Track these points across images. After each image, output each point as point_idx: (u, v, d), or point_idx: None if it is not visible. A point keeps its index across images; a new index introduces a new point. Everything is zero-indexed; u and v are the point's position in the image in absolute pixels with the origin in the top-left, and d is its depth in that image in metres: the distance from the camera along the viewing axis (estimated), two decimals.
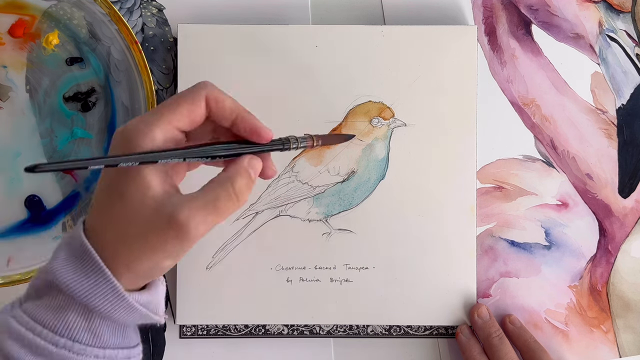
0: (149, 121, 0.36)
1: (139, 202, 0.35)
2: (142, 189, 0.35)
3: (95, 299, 0.35)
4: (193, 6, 0.52)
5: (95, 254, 0.35)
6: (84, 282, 0.35)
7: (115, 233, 0.35)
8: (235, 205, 0.36)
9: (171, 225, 0.34)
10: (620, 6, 0.53)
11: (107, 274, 0.35)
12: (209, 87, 0.38)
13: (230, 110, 0.38)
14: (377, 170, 0.49)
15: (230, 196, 0.36)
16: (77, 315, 0.35)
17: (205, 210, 0.35)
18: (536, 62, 0.52)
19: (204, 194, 0.36)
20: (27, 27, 0.50)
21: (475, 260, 0.50)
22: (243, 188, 0.37)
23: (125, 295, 0.35)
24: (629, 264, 0.52)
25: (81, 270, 0.35)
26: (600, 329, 0.51)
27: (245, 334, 0.50)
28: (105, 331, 0.36)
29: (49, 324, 0.35)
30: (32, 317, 0.35)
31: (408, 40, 0.50)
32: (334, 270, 0.50)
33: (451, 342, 0.51)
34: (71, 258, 0.35)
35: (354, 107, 0.50)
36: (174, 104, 0.37)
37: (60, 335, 0.35)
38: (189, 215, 0.35)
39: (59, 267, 0.35)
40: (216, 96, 0.38)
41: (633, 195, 0.52)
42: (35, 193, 0.50)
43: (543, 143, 0.52)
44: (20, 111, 0.50)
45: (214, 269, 0.49)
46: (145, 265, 0.36)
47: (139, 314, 0.36)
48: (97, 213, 0.37)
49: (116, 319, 0.36)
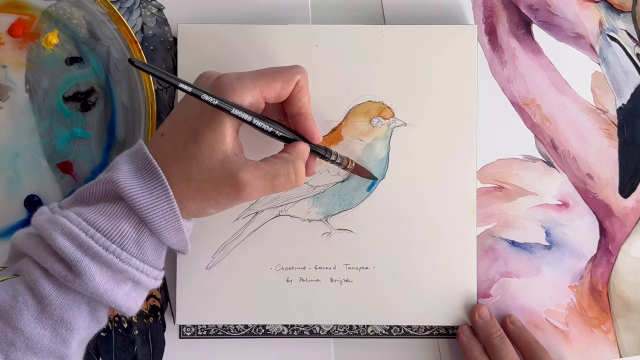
0: (245, 83, 0.40)
1: (211, 149, 0.38)
2: (219, 139, 0.39)
3: (153, 214, 0.38)
4: (193, 6, 0.52)
5: (162, 173, 0.38)
6: (147, 197, 0.37)
7: (180, 168, 0.39)
8: (291, 185, 0.41)
9: (231, 182, 0.38)
10: (620, 6, 0.53)
11: (170, 194, 0.38)
12: (303, 74, 0.42)
13: (303, 104, 0.42)
14: (377, 170, 0.49)
15: (289, 176, 0.40)
16: (130, 226, 0.38)
17: (264, 180, 0.39)
18: (536, 61, 0.52)
19: (266, 166, 0.40)
20: (27, 26, 0.50)
21: (476, 261, 0.50)
22: (302, 172, 0.41)
23: (180, 217, 0.38)
24: (630, 264, 0.52)
25: (145, 186, 0.38)
26: (601, 329, 0.51)
27: (245, 334, 0.50)
28: (148, 247, 0.39)
29: (102, 228, 0.37)
30: (85, 219, 0.37)
31: (408, 40, 0.50)
32: (334, 270, 0.49)
33: (451, 343, 0.51)
34: (135, 172, 0.38)
35: (354, 106, 0.50)
36: (270, 77, 0.41)
37: (111, 240, 0.37)
38: (249, 180, 0.39)
39: (123, 179, 0.38)
40: (302, 86, 0.42)
41: (633, 195, 0.52)
42: (35, 193, 0.50)
43: (543, 143, 0.52)
44: (20, 111, 0.50)
45: (214, 269, 0.49)
46: (195, 206, 0.39)
47: (181, 237, 0.39)
48: (168, 144, 0.40)
49: (163, 237, 0.39)
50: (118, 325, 0.51)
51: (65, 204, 0.39)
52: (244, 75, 0.40)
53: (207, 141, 0.39)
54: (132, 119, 0.50)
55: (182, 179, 0.39)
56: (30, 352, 0.36)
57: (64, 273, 0.36)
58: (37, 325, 0.36)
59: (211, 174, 0.39)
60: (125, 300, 0.38)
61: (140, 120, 0.49)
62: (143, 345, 0.51)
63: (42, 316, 0.37)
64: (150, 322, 0.51)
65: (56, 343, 0.37)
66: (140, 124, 0.49)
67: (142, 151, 0.39)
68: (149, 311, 0.51)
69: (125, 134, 0.50)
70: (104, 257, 0.37)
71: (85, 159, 0.50)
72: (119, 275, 0.38)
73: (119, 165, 0.39)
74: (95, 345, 0.50)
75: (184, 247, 0.41)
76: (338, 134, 0.50)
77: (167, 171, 0.38)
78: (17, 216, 0.50)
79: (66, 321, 0.37)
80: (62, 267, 0.36)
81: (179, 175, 0.39)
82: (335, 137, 0.50)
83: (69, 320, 0.37)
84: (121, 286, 0.38)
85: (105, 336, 0.50)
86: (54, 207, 0.39)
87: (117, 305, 0.38)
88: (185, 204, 0.39)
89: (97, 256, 0.37)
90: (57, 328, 0.37)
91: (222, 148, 0.39)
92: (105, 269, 0.37)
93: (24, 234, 0.39)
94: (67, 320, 0.37)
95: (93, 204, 0.38)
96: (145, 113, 0.49)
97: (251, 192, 0.39)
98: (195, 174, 0.39)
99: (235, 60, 0.49)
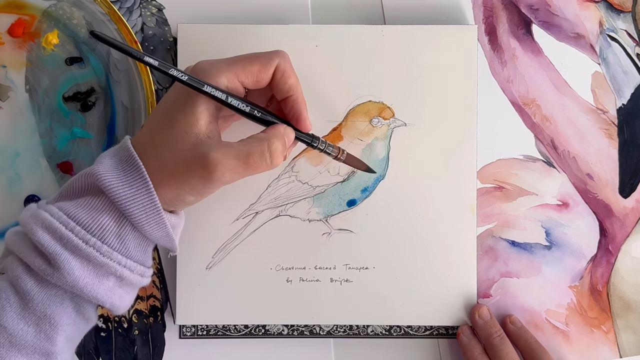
0: (219, 67, 0.39)
1: (183, 132, 0.38)
2: (192, 122, 0.38)
3: (133, 207, 0.37)
4: (193, 6, 0.52)
5: (142, 166, 0.37)
6: (126, 189, 0.37)
7: (155, 155, 0.38)
8: (266, 165, 0.39)
9: (200, 163, 0.37)
10: (620, 6, 0.53)
11: (150, 186, 0.37)
12: (282, 57, 0.41)
13: (289, 87, 0.41)
14: (377, 170, 0.49)
15: (263, 154, 0.39)
16: (111, 220, 0.37)
17: (237, 160, 0.38)
18: (537, 61, 0.52)
19: (240, 145, 0.39)
20: (27, 26, 0.50)
21: (476, 261, 0.50)
22: (277, 151, 0.39)
23: (161, 209, 0.38)
24: (630, 264, 0.52)
25: (125, 178, 0.37)
26: (601, 329, 0.51)
27: (245, 334, 0.50)
28: (130, 242, 0.38)
29: (82, 222, 0.37)
30: (66, 213, 0.37)
31: (408, 40, 0.50)
32: (334, 270, 0.49)
33: (451, 343, 0.51)
34: (117, 165, 0.38)
35: (354, 106, 0.50)
36: (246, 61, 0.40)
37: (91, 234, 0.37)
38: (220, 159, 0.37)
39: (103, 172, 0.37)
40: (284, 69, 0.41)
41: (633, 195, 0.52)
42: (35, 193, 0.50)
43: (543, 143, 0.52)
44: (20, 111, 0.50)
45: (214, 269, 0.49)
46: (170, 192, 0.38)
47: (164, 232, 0.39)
48: (146, 133, 0.39)
49: (145, 231, 0.38)
50: (118, 325, 0.51)
51: (52, 199, 0.39)
52: (218, 60, 0.40)
53: (179, 125, 0.38)
54: (132, 119, 0.50)
55: (156, 165, 0.38)
56: (14, 348, 0.36)
57: (44, 267, 0.36)
58: (20, 322, 0.36)
59: (183, 157, 0.38)
60: (108, 296, 0.38)
61: (140, 120, 0.49)
62: (143, 345, 0.51)
63: (25, 312, 0.36)
64: (150, 322, 0.51)
65: (40, 339, 0.37)
66: (140, 124, 0.49)
67: (124, 144, 0.39)
68: (149, 311, 0.51)
69: (125, 134, 0.50)
70: (83, 250, 0.36)
71: (85, 159, 0.50)
72: (100, 270, 0.37)
73: (102, 159, 0.38)
74: (95, 345, 0.50)
75: (170, 244, 0.40)
76: (338, 134, 0.50)
77: (144, 159, 0.38)
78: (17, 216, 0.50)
79: (49, 317, 0.37)
80: (42, 261, 0.36)
81: (154, 162, 0.38)
82: (335, 137, 0.50)
83: (52, 316, 0.37)
84: (103, 281, 0.37)
85: (105, 336, 0.50)
86: (42, 203, 0.39)
87: (99, 300, 0.38)
88: (160, 191, 0.38)
89: (77, 249, 0.36)
90: (41, 324, 0.37)
91: (194, 131, 0.38)
92: (85, 262, 0.37)
93: (13, 231, 0.39)
94: (50, 316, 0.37)
95: (75, 197, 0.38)
96: (145, 113, 0.49)
97: (224, 173, 0.38)
98: (168, 159, 0.38)
99: None
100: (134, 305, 0.51)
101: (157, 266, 0.51)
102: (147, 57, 0.38)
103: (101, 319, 0.51)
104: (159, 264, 0.51)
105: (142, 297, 0.51)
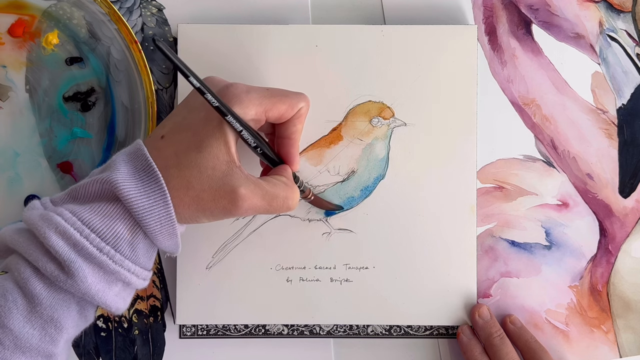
0: (252, 98, 0.40)
1: (215, 159, 0.38)
2: (224, 150, 0.38)
3: (150, 218, 0.37)
4: (193, 6, 0.52)
5: (162, 179, 0.37)
6: (144, 200, 0.37)
7: (179, 174, 0.38)
8: (286, 209, 0.41)
9: (228, 196, 0.38)
10: (620, 6, 0.53)
11: (168, 199, 0.37)
12: (307, 104, 0.43)
13: (296, 130, 0.43)
14: (377, 169, 0.49)
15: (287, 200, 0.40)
16: (125, 228, 0.37)
17: (262, 200, 0.39)
18: (536, 61, 0.52)
19: (267, 185, 0.40)
20: (27, 26, 0.50)
21: (476, 261, 0.50)
22: (297, 199, 0.41)
23: (176, 223, 0.38)
24: (630, 264, 0.52)
25: (143, 188, 0.37)
26: (601, 329, 0.51)
27: (245, 334, 0.50)
28: (141, 249, 0.38)
29: (96, 229, 0.37)
30: (80, 219, 0.37)
31: (408, 40, 0.50)
32: (334, 270, 0.49)
33: (451, 342, 0.51)
34: (134, 174, 0.38)
35: (354, 106, 0.50)
36: (277, 99, 0.41)
37: (106, 242, 0.37)
38: (247, 197, 0.38)
39: (122, 180, 0.37)
40: (302, 114, 0.43)
41: (633, 195, 0.52)
42: (35, 193, 0.50)
43: (543, 143, 0.52)
44: (20, 111, 0.50)
45: (214, 268, 0.49)
46: (189, 213, 0.39)
47: (174, 241, 0.39)
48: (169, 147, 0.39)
49: (156, 240, 0.38)
50: (118, 325, 0.51)
51: (58, 199, 0.39)
52: (253, 89, 0.40)
53: (212, 151, 0.38)
54: (132, 119, 0.50)
55: (180, 185, 0.38)
56: (19, 351, 0.36)
57: (56, 273, 0.36)
58: (26, 325, 0.36)
59: (212, 185, 0.38)
60: (115, 301, 0.38)
61: (140, 120, 0.49)
62: (143, 345, 0.51)
63: (32, 315, 0.36)
64: (150, 322, 0.51)
65: (45, 342, 0.37)
66: (140, 124, 0.49)
67: (141, 152, 0.39)
68: (149, 311, 0.51)
69: (125, 134, 0.50)
70: (97, 258, 0.36)
71: (86, 159, 0.50)
72: (111, 277, 0.37)
73: (117, 165, 0.38)
74: (95, 346, 0.50)
75: (175, 250, 0.40)
76: (338, 134, 0.50)
77: (166, 175, 0.38)
78: (17, 216, 0.50)
79: (56, 321, 0.37)
80: (55, 267, 0.36)
81: (178, 181, 0.38)
82: (335, 137, 0.50)
83: (59, 319, 0.37)
84: (112, 287, 0.38)
85: (105, 336, 0.50)
86: (46, 202, 0.39)
87: (107, 305, 0.38)
88: (179, 210, 0.38)
89: (91, 257, 0.36)
90: (47, 327, 0.37)
91: (226, 159, 0.38)
92: (97, 270, 0.37)
93: (14, 229, 0.38)
94: (56, 320, 0.37)
95: (88, 202, 0.38)
96: (145, 113, 0.49)
97: (247, 210, 0.39)
98: (195, 183, 0.38)
99: (236, 61, 0.49)
100: (134, 305, 0.51)
101: (157, 266, 0.51)
102: (193, 77, 0.38)
103: (101, 319, 0.51)
104: (159, 264, 0.51)
105: (142, 297, 0.51)
